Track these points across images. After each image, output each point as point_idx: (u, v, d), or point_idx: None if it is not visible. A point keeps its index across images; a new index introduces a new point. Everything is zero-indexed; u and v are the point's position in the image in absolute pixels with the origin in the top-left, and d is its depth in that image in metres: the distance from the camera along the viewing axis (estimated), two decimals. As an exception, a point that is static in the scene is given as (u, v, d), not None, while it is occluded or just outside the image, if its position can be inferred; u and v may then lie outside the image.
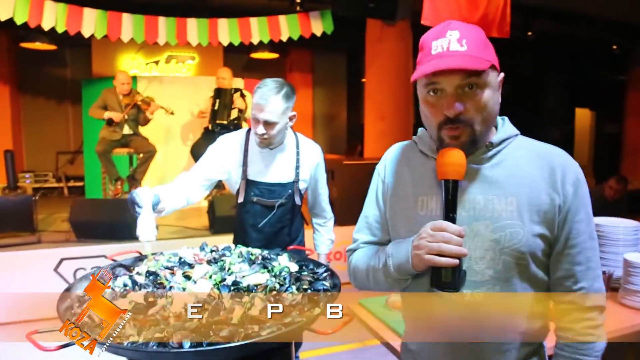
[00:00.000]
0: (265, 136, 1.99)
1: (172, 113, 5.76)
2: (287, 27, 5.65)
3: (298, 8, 5.86)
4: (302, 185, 2.21)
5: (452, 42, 1.04)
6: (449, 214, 1.05)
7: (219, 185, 5.58)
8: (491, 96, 1.07)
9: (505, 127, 1.16)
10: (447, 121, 1.06)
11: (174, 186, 1.97)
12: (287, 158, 2.15)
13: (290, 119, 2.06)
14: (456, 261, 1.00)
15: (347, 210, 5.26)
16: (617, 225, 2.34)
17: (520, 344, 1.13)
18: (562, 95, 11.41)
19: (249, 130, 2.13)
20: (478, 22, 3.28)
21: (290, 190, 2.15)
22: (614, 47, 8.58)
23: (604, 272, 2.21)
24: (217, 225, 4.74)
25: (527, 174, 1.09)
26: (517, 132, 1.15)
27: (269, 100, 1.94)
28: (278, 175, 2.13)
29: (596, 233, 1.14)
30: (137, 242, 1.65)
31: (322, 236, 2.50)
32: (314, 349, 3.45)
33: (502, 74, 1.11)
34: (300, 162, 2.17)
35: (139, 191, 1.70)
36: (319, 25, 5.70)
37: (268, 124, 1.97)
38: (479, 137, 1.09)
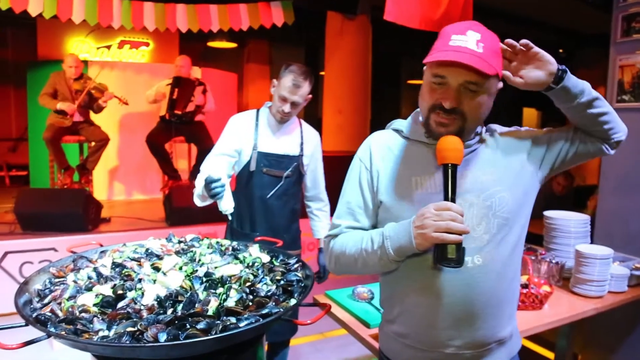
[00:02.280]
0: (291, 114, 2.27)
1: (126, 103, 5.55)
2: (248, 16, 5.54)
3: (259, -3, 5.77)
4: (305, 161, 2.42)
5: (470, 42, 1.12)
6: (450, 195, 1.12)
7: (176, 176, 5.43)
8: (486, 101, 1.19)
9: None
10: (440, 108, 1.17)
11: (217, 165, 2.20)
12: (293, 134, 2.39)
13: (306, 100, 2.31)
14: (462, 237, 1.08)
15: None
16: (569, 218, 2.45)
17: (510, 310, 1.29)
18: (511, 95, 11.85)
19: (258, 110, 2.38)
20: (439, 19, 3.33)
21: (296, 163, 2.36)
22: (560, 50, 8.99)
23: (556, 263, 2.32)
24: (173, 216, 4.63)
25: (503, 150, 1.31)
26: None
27: (301, 84, 2.20)
28: (286, 147, 2.35)
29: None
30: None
31: (322, 221, 2.63)
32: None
33: (500, 84, 1.22)
34: (303, 138, 2.41)
35: (213, 172, 1.97)
36: (280, 16, 5.63)
37: (295, 105, 2.24)
38: (466, 132, 1.21)
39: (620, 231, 2.93)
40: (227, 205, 1.96)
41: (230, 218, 2.13)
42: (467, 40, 1.12)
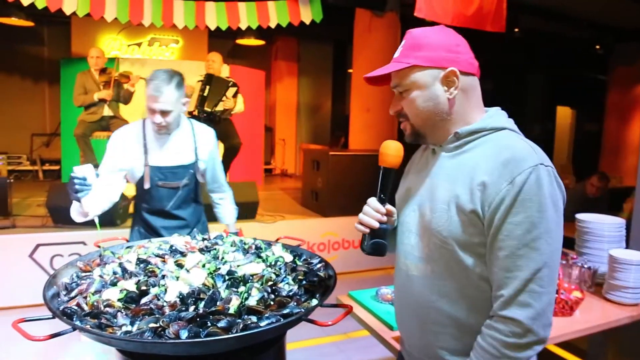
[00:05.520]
0: (163, 124, 2.12)
1: (130, 81, 5.59)
2: (276, 13, 5.54)
3: (287, -6, 5.77)
4: (201, 166, 2.34)
5: (397, 51, 1.19)
6: (380, 194, 1.23)
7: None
8: (420, 95, 1.15)
9: (485, 119, 1.17)
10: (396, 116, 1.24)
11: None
12: (184, 141, 2.27)
13: (184, 104, 2.19)
14: (365, 229, 1.22)
15: (332, 202, 5.25)
16: (602, 221, 2.37)
17: (458, 333, 1.15)
18: (544, 93, 11.57)
19: (144, 120, 2.25)
20: (472, 15, 3.26)
21: (192, 171, 2.28)
22: (597, 47, 8.71)
23: (588, 268, 2.24)
24: (200, 212, 4.67)
25: (473, 166, 1.10)
26: (500, 125, 1.15)
27: (162, 91, 2.06)
28: (179, 157, 2.25)
29: (547, 246, 1.01)
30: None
31: (225, 207, 2.60)
32: (298, 340, 3.44)
33: (450, 69, 1.11)
34: (197, 143, 2.30)
35: (82, 168, 1.81)
36: (308, 13, 5.61)
37: (164, 113, 2.09)
38: (422, 131, 1.19)
39: (657, 236, 2.81)
40: (94, 208, 1.88)
41: (96, 223, 1.88)
42: (396, 52, 1.19)
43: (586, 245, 2.39)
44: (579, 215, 2.43)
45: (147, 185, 2.21)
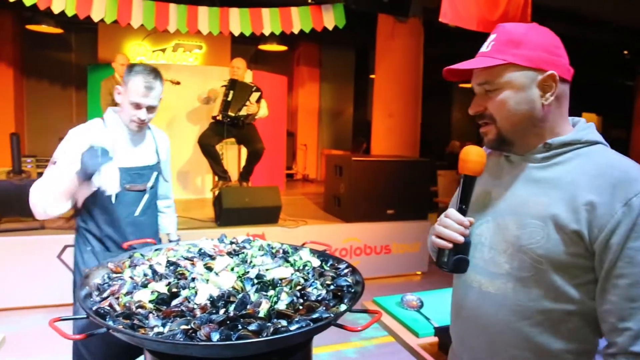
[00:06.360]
0: (147, 120, 2.01)
1: (178, 83, 5.68)
2: (299, 19, 5.59)
3: (310, 0, 5.81)
4: (162, 167, 2.22)
5: (484, 45, 1.10)
6: (461, 205, 1.13)
7: (226, 177, 5.54)
8: (512, 96, 1.07)
9: (578, 131, 1.10)
10: (475, 117, 1.14)
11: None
12: (147, 142, 2.15)
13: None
14: (448, 244, 1.10)
15: (354, 207, 5.24)
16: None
17: (531, 355, 1.07)
18: (570, 99, 11.37)
19: (102, 120, 2.06)
20: (497, 20, 3.23)
21: (156, 172, 2.16)
22: (625, 52, 8.54)
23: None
24: (223, 217, 4.71)
25: (572, 181, 1.03)
26: (595, 139, 1.08)
27: (154, 86, 1.95)
28: (144, 157, 2.12)
29: None
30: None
31: (170, 216, 2.49)
32: (321, 345, 3.43)
33: (550, 72, 1.04)
34: (157, 144, 2.19)
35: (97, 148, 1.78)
36: (330, 19, 5.65)
37: (151, 109, 1.99)
38: (510, 137, 1.10)
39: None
40: (110, 184, 1.84)
41: (113, 200, 1.87)
42: (483, 45, 1.11)
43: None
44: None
45: (117, 189, 1.99)
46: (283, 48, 8.86)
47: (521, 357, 1.08)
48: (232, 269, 1.40)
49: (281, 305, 1.20)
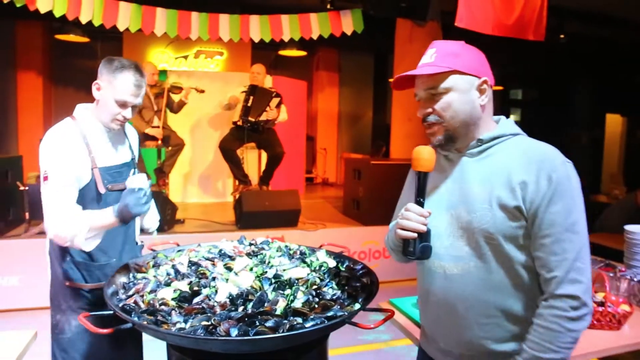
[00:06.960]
0: (129, 119, 1.92)
1: (202, 91, 5.81)
2: (318, 25, 5.65)
3: (329, 6, 5.87)
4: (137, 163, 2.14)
5: (425, 57, 1.28)
6: (418, 198, 1.27)
7: (247, 181, 5.62)
8: (457, 98, 1.24)
9: (501, 126, 1.30)
10: (423, 120, 1.30)
11: (76, 212, 1.79)
12: (119, 138, 2.02)
13: None
14: (412, 235, 1.23)
15: (373, 211, 5.26)
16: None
17: (503, 321, 1.24)
18: (593, 100, 11.18)
19: (69, 120, 1.96)
20: (513, 24, 3.23)
21: (132, 169, 2.03)
22: (650, 52, 8.37)
23: (638, 282, 2.17)
24: (243, 220, 4.79)
25: (505, 167, 1.22)
26: (516, 131, 1.30)
27: (142, 83, 1.86)
28: (121, 155, 1.99)
29: (583, 228, 1.17)
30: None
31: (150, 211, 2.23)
32: (338, 347, 3.47)
33: (484, 78, 1.25)
34: (129, 140, 2.09)
35: (138, 179, 1.78)
36: (349, 24, 5.69)
37: (135, 107, 1.89)
38: (456, 135, 1.27)
39: None
40: (151, 221, 1.91)
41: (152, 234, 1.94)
42: (426, 56, 1.28)
43: (636, 258, 2.32)
44: (628, 227, 2.37)
45: (102, 190, 1.85)
46: (302, 53, 8.93)
47: (492, 323, 1.24)
48: (251, 269, 1.46)
49: (297, 304, 1.26)
